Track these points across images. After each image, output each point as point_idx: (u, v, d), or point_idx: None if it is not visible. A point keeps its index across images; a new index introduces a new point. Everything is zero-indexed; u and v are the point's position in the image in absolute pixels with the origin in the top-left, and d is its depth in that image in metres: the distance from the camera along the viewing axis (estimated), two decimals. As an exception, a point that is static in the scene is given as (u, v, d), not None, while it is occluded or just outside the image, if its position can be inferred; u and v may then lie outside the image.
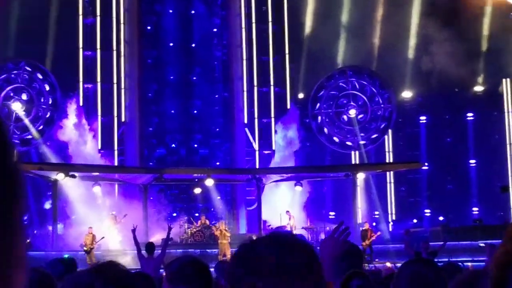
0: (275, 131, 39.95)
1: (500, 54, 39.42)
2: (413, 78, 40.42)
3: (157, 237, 29.84)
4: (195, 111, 42.00)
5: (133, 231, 16.47)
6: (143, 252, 15.65)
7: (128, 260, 23.09)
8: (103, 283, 2.42)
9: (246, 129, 40.47)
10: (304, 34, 40.86)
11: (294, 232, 34.03)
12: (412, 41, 40.14)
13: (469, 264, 14.26)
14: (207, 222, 34.44)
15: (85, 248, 28.75)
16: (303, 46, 40.74)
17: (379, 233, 31.83)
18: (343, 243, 3.71)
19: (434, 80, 39.23)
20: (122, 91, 39.25)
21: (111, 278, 2.46)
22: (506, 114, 39.94)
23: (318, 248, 3.58)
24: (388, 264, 21.91)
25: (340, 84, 41.39)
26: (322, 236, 35.16)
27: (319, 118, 41.46)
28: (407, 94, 41.21)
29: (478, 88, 40.81)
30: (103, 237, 29.92)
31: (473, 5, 39.23)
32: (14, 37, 37.29)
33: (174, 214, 38.76)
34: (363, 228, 31.23)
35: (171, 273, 4.10)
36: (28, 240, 20.02)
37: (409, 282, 3.58)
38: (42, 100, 38.02)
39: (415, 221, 36.51)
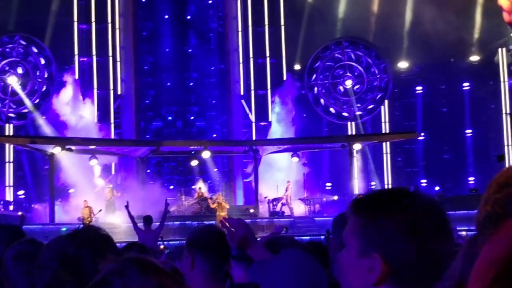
0: (272, 103, 39.98)
1: (496, 24, 39.32)
2: (409, 49, 40.33)
3: (154, 210, 29.93)
4: (191, 84, 41.95)
5: (126, 207, 16.66)
6: (140, 224, 15.80)
7: (127, 232, 23.21)
8: (76, 247, 2.42)
9: (243, 101, 40.48)
10: (300, 5, 40.62)
11: (289, 203, 34.24)
12: (408, 12, 39.97)
13: (464, 233, 14.36)
14: (205, 194, 34.57)
15: (84, 222, 28.89)
16: (299, 17, 40.55)
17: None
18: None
19: (430, 50, 39.14)
20: (118, 64, 39.17)
21: (85, 241, 2.45)
22: (502, 83, 39.92)
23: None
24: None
25: (336, 55, 41.33)
26: (318, 207, 35.38)
27: (315, 89, 41.45)
28: (403, 64, 41.15)
29: (474, 58, 40.75)
30: (100, 210, 30.08)
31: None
32: (9, 10, 37.08)
33: (171, 187, 38.91)
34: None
35: (190, 240, 4.14)
36: (20, 213, 20.10)
37: None
38: (37, 73, 37.93)
39: (411, 191, 36.58)
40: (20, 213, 20.12)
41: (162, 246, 16.60)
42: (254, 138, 39.15)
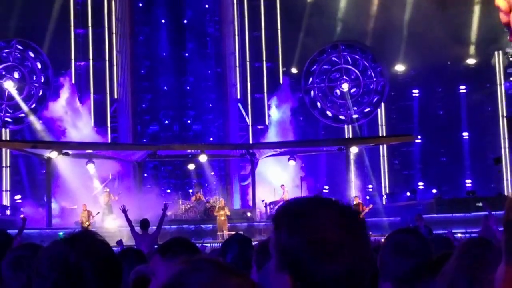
0: (268, 106, 40.02)
1: (492, 26, 39.39)
2: (406, 52, 40.37)
3: (151, 214, 29.91)
4: (188, 87, 41.97)
5: (124, 211, 16.63)
6: (137, 228, 15.78)
7: (124, 236, 23.18)
8: (77, 256, 2.37)
9: (239, 104, 40.50)
10: (297, 8, 40.64)
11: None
12: (406, 15, 39.99)
13: (460, 235, 14.38)
14: (202, 197, 34.57)
15: (82, 225, 28.87)
16: (296, 20, 40.57)
17: (371, 206, 32.00)
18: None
19: (427, 53, 39.18)
20: (114, 68, 39.16)
21: (86, 250, 2.40)
22: (498, 86, 39.99)
23: None
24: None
25: (333, 58, 41.39)
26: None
27: (312, 92, 41.49)
28: (400, 67, 41.20)
29: (471, 61, 40.81)
30: (98, 212, 30.11)
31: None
32: (6, 15, 37.04)
33: (168, 191, 38.90)
34: (354, 203, 31.37)
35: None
36: (22, 216, 20.06)
37: (394, 250, 3.68)
38: (34, 78, 37.92)
39: (408, 194, 36.67)
40: (22, 216, 20.07)
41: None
42: (250, 141, 39.17)
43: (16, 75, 37.33)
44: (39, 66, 37.90)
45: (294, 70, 41.81)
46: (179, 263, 1.77)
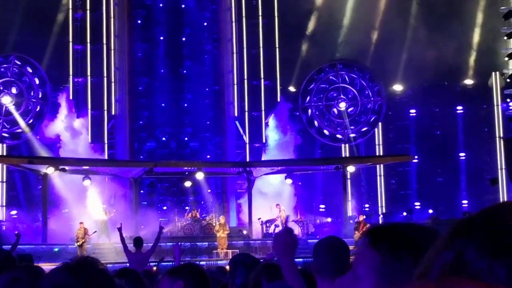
0: (266, 124, 40.04)
1: (490, 48, 39.57)
2: (404, 72, 40.50)
3: (147, 230, 29.87)
4: (186, 105, 41.99)
5: (120, 229, 16.58)
6: (130, 246, 15.73)
7: (119, 254, 23.11)
8: (81, 286, 2.34)
9: (237, 122, 40.53)
10: (296, 28, 40.76)
11: (284, 225, 34.15)
12: (407, 35, 40.07)
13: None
14: (198, 215, 34.50)
15: (77, 243, 28.78)
16: (294, 39, 40.70)
17: (367, 225, 31.92)
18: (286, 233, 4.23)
19: (424, 73, 39.31)
20: (112, 84, 39.21)
21: (90, 282, 2.37)
22: (495, 107, 40.10)
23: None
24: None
25: (330, 77, 41.48)
26: (312, 228, 35.31)
27: (309, 111, 41.54)
28: (397, 87, 41.30)
29: (468, 82, 40.94)
30: (95, 231, 29.98)
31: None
32: (4, 30, 37.12)
33: (165, 207, 38.83)
34: (358, 220, 31.38)
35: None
36: (16, 232, 20.01)
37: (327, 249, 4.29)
38: (32, 93, 37.95)
39: (405, 214, 36.62)
40: (16, 232, 20.01)
41: (154, 268, 16.51)
42: (248, 159, 39.13)
43: (14, 90, 37.37)
44: (37, 81, 37.95)
45: (292, 89, 41.88)
46: None
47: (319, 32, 40.59)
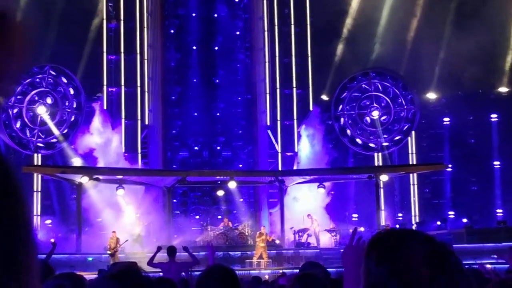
0: (298, 133, 40.01)
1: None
2: (438, 79, 40.25)
3: (180, 240, 29.99)
4: (218, 114, 42.10)
5: (159, 248, 16.46)
6: (165, 255, 15.72)
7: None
8: None
9: (269, 131, 40.55)
10: (329, 36, 40.71)
11: (317, 234, 34.08)
12: (441, 43, 39.82)
13: (489, 266, 14.16)
14: (230, 224, 34.56)
15: (109, 252, 28.97)
16: (327, 47, 40.64)
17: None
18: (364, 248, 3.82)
19: (458, 81, 39.04)
20: (146, 94, 39.50)
21: (134, 287, 2.42)
22: (530, 115, 39.67)
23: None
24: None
25: (363, 85, 41.33)
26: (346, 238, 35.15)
27: (342, 119, 41.41)
28: (431, 95, 41.05)
29: (502, 89, 40.57)
30: (127, 240, 30.14)
31: (500, 7, 39.08)
32: (39, 40, 37.56)
33: (197, 217, 38.94)
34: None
35: (199, 279, 4.19)
36: (52, 240, 20.17)
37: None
38: (66, 103, 38.31)
39: (438, 223, 36.33)
40: (52, 240, 20.19)
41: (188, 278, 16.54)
42: (280, 168, 39.12)
43: (48, 100, 37.75)
44: (72, 91, 38.31)
45: (324, 97, 41.82)
46: None
47: (352, 39, 40.47)
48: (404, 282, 1.91)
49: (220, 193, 36.59)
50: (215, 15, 42.29)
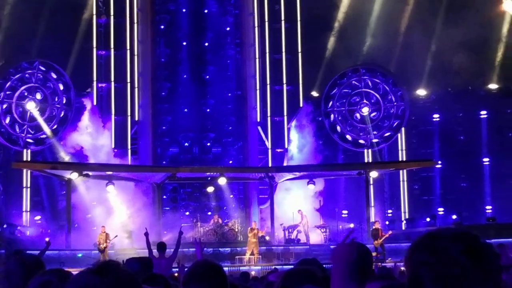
0: (288, 129, 40.01)
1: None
2: (428, 76, 40.32)
3: (170, 236, 29.98)
4: (208, 110, 42.05)
5: (146, 234, 16.69)
6: (154, 251, 15.84)
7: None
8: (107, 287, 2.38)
9: (259, 128, 40.53)
10: (319, 32, 40.72)
11: (306, 230, 34.13)
12: (431, 40, 39.87)
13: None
14: (220, 220, 34.55)
15: (99, 247, 28.93)
16: (317, 44, 40.65)
17: (390, 232, 31.77)
18: (358, 246, 3.84)
19: (448, 78, 39.12)
20: (136, 90, 39.42)
21: (115, 284, 2.41)
22: (519, 112, 39.80)
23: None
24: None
25: (353, 82, 41.36)
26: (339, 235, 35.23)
27: (332, 116, 41.44)
28: (421, 92, 41.12)
29: (492, 86, 40.67)
30: (116, 236, 30.11)
31: (489, 6, 39.21)
32: (29, 36, 37.41)
33: (187, 213, 38.91)
34: (374, 227, 31.27)
35: (185, 275, 4.18)
36: (47, 239, 20.18)
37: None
38: (56, 99, 38.19)
39: (428, 219, 36.42)
40: (47, 239, 20.24)
41: (176, 274, 16.56)
42: (270, 164, 39.12)
43: (38, 96, 37.63)
44: (61, 87, 38.18)
45: (314, 93, 41.84)
46: None
47: (343, 33, 40.46)
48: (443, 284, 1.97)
49: (210, 189, 36.59)
50: (206, 11, 42.20)
